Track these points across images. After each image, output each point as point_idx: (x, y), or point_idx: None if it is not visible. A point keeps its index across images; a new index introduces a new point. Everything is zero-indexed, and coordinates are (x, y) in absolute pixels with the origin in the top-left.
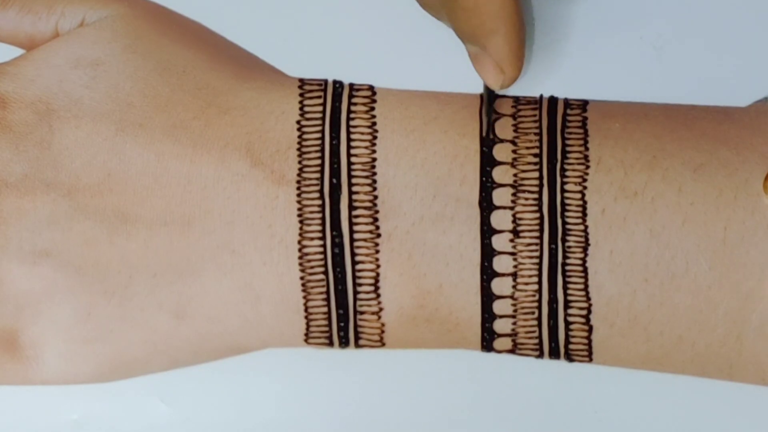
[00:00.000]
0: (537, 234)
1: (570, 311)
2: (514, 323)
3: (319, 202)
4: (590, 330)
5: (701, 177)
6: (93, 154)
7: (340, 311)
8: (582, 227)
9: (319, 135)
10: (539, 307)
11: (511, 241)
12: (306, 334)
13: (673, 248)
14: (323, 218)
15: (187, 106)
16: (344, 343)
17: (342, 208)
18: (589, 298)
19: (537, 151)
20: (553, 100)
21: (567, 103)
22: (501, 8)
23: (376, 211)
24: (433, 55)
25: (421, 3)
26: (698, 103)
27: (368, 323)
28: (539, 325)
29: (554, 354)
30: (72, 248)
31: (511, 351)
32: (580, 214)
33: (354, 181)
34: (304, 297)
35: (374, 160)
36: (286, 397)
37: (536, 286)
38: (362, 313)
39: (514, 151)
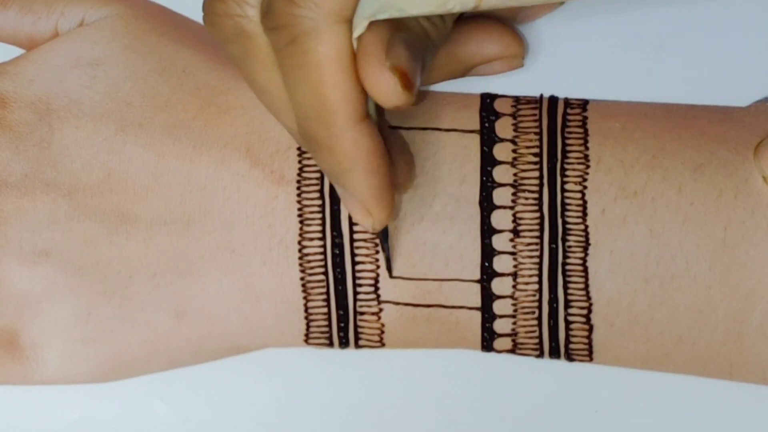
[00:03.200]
0: (537, 234)
1: (570, 311)
2: (514, 323)
3: (319, 202)
4: (590, 330)
5: (701, 177)
6: (93, 154)
7: (340, 311)
8: (582, 227)
9: None
10: (539, 307)
11: (512, 240)
12: (306, 335)
13: (673, 248)
14: (323, 218)
15: (187, 106)
16: (344, 343)
17: (342, 207)
18: (589, 298)
19: (537, 150)
20: (553, 100)
21: (567, 102)
22: (355, 146)
23: None
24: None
25: (295, 139)
26: (698, 103)
27: (368, 323)
28: (539, 325)
29: (554, 354)
30: (72, 248)
31: (511, 351)
32: (580, 214)
33: None
34: (304, 297)
35: None
36: (286, 397)
37: (536, 286)
38: (362, 313)
39: (514, 151)
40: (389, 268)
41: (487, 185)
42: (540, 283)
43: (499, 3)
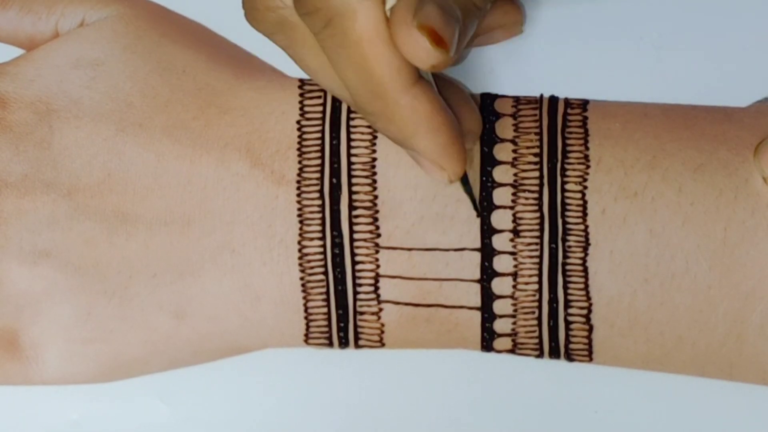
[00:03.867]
0: (537, 234)
1: (570, 311)
2: (514, 323)
3: (319, 202)
4: (590, 330)
5: (701, 177)
6: (93, 154)
7: (340, 311)
8: (582, 227)
9: (319, 135)
10: (539, 307)
11: (512, 240)
12: (306, 335)
13: (673, 248)
14: (323, 218)
15: (187, 107)
16: (344, 343)
17: (342, 208)
18: (589, 298)
19: (537, 150)
20: (553, 100)
21: (567, 102)
22: (413, 111)
23: (376, 211)
24: None
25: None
26: (698, 103)
27: (368, 323)
28: (539, 325)
29: (554, 354)
30: (72, 248)
31: (511, 351)
32: (580, 214)
33: (354, 181)
34: (304, 297)
35: (374, 160)
36: (286, 397)
37: (536, 286)
38: (362, 313)
39: (514, 151)
40: (476, 209)
41: (487, 185)
42: (540, 283)
43: None
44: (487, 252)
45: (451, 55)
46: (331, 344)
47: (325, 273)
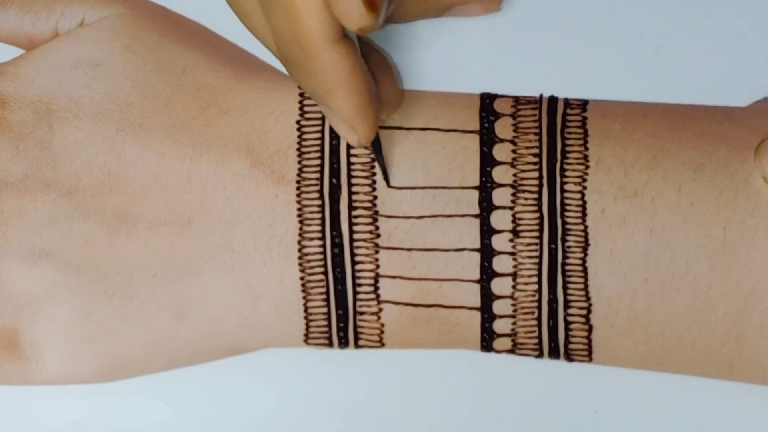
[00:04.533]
0: (537, 234)
1: (570, 311)
2: (514, 323)
3: (319, 202)
4: (590, 330)
5: (701, 177)
6: (93, 154)
7: (340, 311)
8: (582, 227)
9: (319, 135)
10: (539, 307)
11: (511, 241)
12: (306, 335)
13: (673, 248)
14: (323, 218)
15: (187, 106)
16: (344, 343)
17: (342, 208)
18: (589, 298)
19: (537, 150)
20: (553, 100)
21: (567, 102)
22: (334, 67)
23: (376, 212)
24: (434, 54)
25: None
26: (698, 103)
27: (368, 323)
28: (539, 325)
29: (554, 354)
30: (72, 248)
31: (511, 351)
32: (579, 214)
33: (354, 181)
34: (304, 297)
35: (374, 160)
36: (286, 397)
37: (536, 286)
38: (362, 313)
39: (513, 151)
40: (386, 179)
41: (487, 185)
42: (540, 283)
43: None
44: (487, 252)
45: (380, 21)
46: (331, 344)
47: (325, 273)
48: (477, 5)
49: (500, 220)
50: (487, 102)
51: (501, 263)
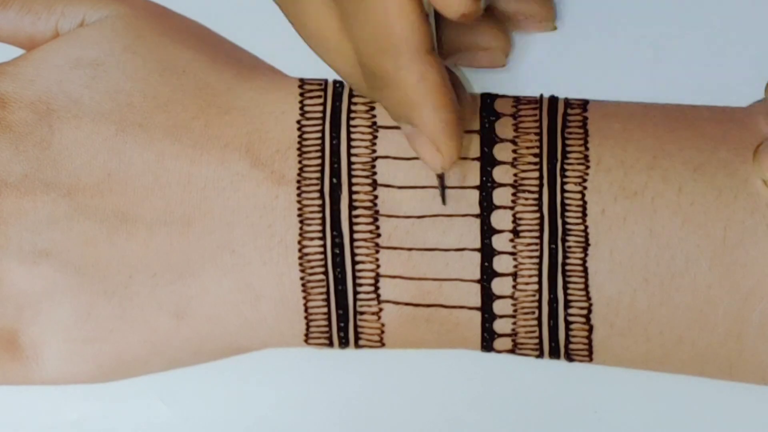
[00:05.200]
0: (537, 234)
1: (570, 311)
2: (514, 323)
3: (319, 202)
4: (590, 330)
5: (701, 177)
6: (93, 154)
7: (340, 311)
8: (582, 227)
9: (319, 135)
10: (539, 307)
11: (511, 241)
12: (306, 335)
13: (673, 248)
14: (323, 218)
15: (187, 106)
16: (344, 343)
17: (342, 208)
18: (589, 298)
19: (537, 150)
20: (553, 100)
21: (567, 102)
22: (423, 79)
23: (376, 211)
24: None
25: (351, 86)
26: (698, 103)
27: (368, 323)
28: (539, 325)
29: (554, 354)
30: (72, 248)
31: (511, 351)
32: (580, 214)
33: (354, 181)
34: (304, 297)
35: (374, 159)
36: (286, 397)
37: (536, 286)
38: (362, 313)
39: (514, 151)
40: (443, 199)
41: (487, 185)
42: (540, 283)
43: None
44: (487, 252)
45: (483, 6)
46: (331, 344)
47: (325, 273)
48: (483, 54)
49: (500, 219)
50: (488, 102)
51: (501, 263)
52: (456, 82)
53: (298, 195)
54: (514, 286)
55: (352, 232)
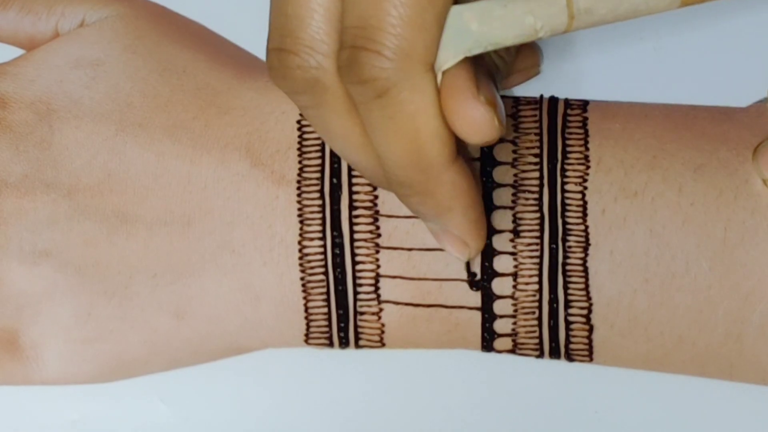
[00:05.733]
0: (537, 234)
1: (570, 311)
2: (515, 323)
3: (320, 202)
4: (590, 330)
5: (701, 177)
6: (93, 154)
7: (340, 311)
8: (582, 227)
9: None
10: (539, 307)
11: (512, 241)
12: (306, 335)
13: (674, 248)
14: (323, 218)
15: (187, 107)
16: (344, 343)
17: (342, 208)
18: (589, 298)
19: (537, 151)
20: (553, 100)
21: (567, 103)
22: (454, 187)
23: (376, 211)
24: None
25: (372, 182)
26: (698, 103)
27: (368, 323)
28: (539, 325)
29: (554, 354)
30: (72, 248)
31: (512, 351)
32: (580, 214)
33: (354, 181)
34: (304, 297)
35: None
36: (286, 397)
37: (536, 286)
38: (362, 313)
39: (514, 151)
40: (470, 280)
41: (487, 185)
42: (540, 283)
43: (585, 26)
44: (487, 252)
45: (504, 129)
46: (331, 344)
47: (326, 273)
48: (518, 75)
49: (501, 220)
50: None
51: (501, 263)
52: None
53: (299, 195)
54: (514, 286)
55: (352, 232)
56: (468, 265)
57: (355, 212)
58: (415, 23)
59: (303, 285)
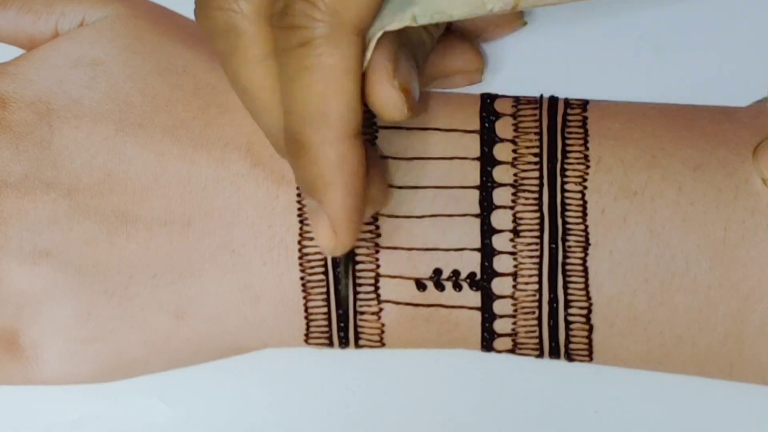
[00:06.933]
0: (537, 234)
1: (570, 311)
2: (515, 323)
3: None
4: (590, 330)
5: (701, 176)
6: (93, 154)
7: (340, 311)
8: (582, 227)
9: None
10: (539, 307)
11: (512, 240)
12: (306, 335)
13: (673, 248)
14: None
15: (187, 106)
16: (344, 343)
17: None
18: (589, 298)
19: (537, 150)
20: (553, 100)
21: (567, 102)
22: (342, 160)
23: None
24: None
25: (273, 145)
26: (698, 103)
27: (368, 323)
28: (539, 325)
29: (554, 354)
30: (72, 248)
31: (511, 351)
32: (580, 214)
33: None
34: (304, 297)
35: None
36: (286, 397)
37: (536, 286)
38: (362, 313)
39: (514, 151)
40: (337, 299)
41: (487, 185)
42: (540, 283)
43: (536, 2)
44: (487, 252)
45: (414, 112)
46: (331, 344)
47: (325, 273)
48: (460, 77)
49: (501, 219)
50: (488, 102)
51: (501, 263)
52: (375, 161)
53: (298, 195)
54: (514, 286)
55: None
56: (335, 265)
57: None
58: None
59: (303, 285)
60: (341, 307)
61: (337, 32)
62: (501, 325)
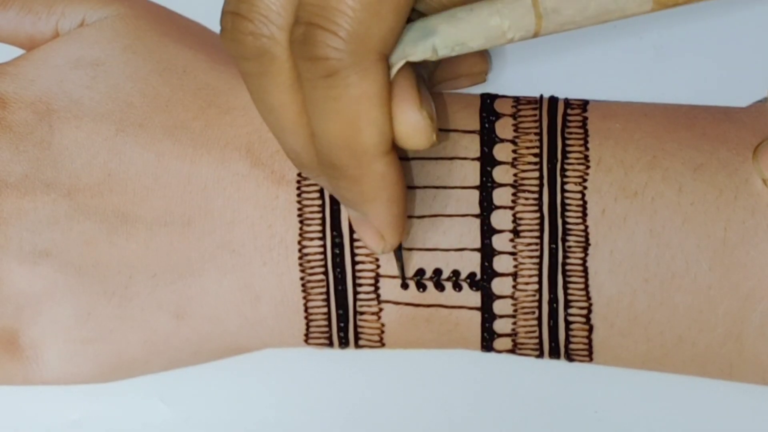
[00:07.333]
0: (537, 234)
1: (570, 311)
2: (514, 323)
3: (320, 202)
4: (590, 330)
5: (701, 177)
6: (93, 154)
7: (340, 311)
8: (582, 227)
9: None
10: (539, 307)
11: (512, 240)
12: (306, 335)
13: (673, 248)
14: (323, 218)
15: (188, 106)
16: (344, 343)
17: (342, 208)
18: (589, 298)
19: (537, 150)
20: (553, 100)
21: (567, 103)
22: (382, 178)
23: None
24: None
25: (296, 163)
26: (698, 103)
27: (368, 323)
28: (539, 325)
29: (554, 354)
30: (72, 248)
31: (511, 351)
32: (580, 214)
33: None
34: (304, 297)
35: None
36: (286, 397)
37: (536, 286)
38: (362, 313)
39: (514, 151)
40: (403, 278)
41: (487, 185)
42: (540, 283)
43: (556, 28)
44: (487, 252)
45: (439, 140)
46: (331, 344)
47: (325, 273)
48: (464, 79)
49: (501, 219)
50: (488, 102)
51: (501, 263)
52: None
53: (298, 195)
54: (514, 286)
55: (352, 232)
56: (401, 264)
57: None
58: (373, 9)
59: (303, 285)
60: (342, 307)
61: (362, 61)
62: (501, 325)
